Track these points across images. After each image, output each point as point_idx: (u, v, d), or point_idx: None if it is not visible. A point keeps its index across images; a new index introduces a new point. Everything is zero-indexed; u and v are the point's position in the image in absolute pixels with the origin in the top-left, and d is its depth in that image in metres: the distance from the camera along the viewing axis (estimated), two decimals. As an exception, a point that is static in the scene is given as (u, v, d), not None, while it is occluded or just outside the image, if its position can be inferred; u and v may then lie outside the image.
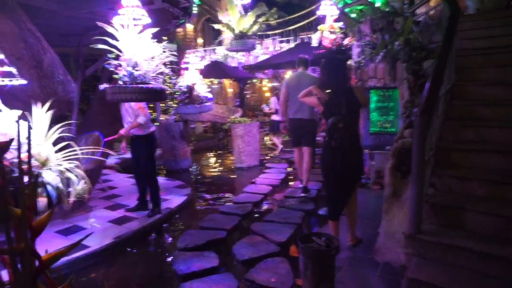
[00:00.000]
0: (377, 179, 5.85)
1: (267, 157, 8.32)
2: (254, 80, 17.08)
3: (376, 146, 6.93)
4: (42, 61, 3.15)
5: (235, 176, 7.07)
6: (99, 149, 3.94)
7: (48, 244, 1.55)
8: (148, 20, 3.47)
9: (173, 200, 5.13)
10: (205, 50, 16.16)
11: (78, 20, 4.03)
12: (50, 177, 2.57)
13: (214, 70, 12.59)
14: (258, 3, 6.35)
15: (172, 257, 3.49)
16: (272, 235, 3.80)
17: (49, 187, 2.49)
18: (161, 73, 3.67)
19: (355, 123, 3.21)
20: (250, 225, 4.15)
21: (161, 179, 6.41)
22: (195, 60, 5.96)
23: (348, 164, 3.13)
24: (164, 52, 3.70)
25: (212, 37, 16.98)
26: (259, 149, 7.76)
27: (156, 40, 3.64)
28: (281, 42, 13.33)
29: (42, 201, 2.41)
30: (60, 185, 2.63)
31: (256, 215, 4.64)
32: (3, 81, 2.88)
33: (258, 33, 14.86)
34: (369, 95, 7.18)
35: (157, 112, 7.60)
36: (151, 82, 3.47)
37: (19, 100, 3.52)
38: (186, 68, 5.86)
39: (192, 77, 5.77)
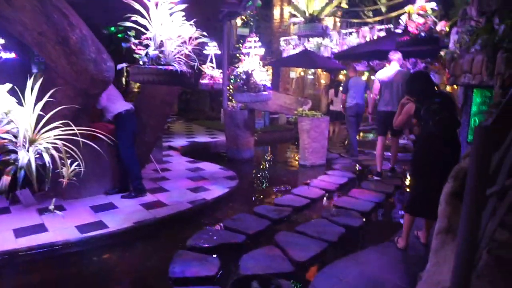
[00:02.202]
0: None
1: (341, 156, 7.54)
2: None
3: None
4: (68, 38, 3.11)
5: (294, 173, 6.51)
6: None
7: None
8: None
9: (214, 191, 4.88)
10: (299, 39, 15.60)
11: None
12: (24, 156, 2.50)
13: (304, 59, 12.00)
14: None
15: (175, 255, 3.20)
16: (293, 251, 3.23)
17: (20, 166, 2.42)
18: (193, 56, 3.35)
19: (452, 109, 3.12)
20: (275, 234, 3.62)
21: (215, 167, 6.26)
22: (257, 45, 5.54)
23: (446, 158, 2.93)
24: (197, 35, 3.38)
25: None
26: (327, 147, 7.02)
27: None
28: (380, 30, 11.96)
29: (5, 179, 2.33)
30: (33, 166, 2.54)
31: (290, 223, 4.08)
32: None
33: (355, 21, 13.73)
34: (470, 95, 5.88)
35: (224, 98, 7.43)
36: (173, 64, 3.18)
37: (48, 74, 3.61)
38: (247, 54, 5.49)
39: (252, 63, 5.38)
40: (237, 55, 6.89)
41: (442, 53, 4.84)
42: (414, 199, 3.19)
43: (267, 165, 7.07)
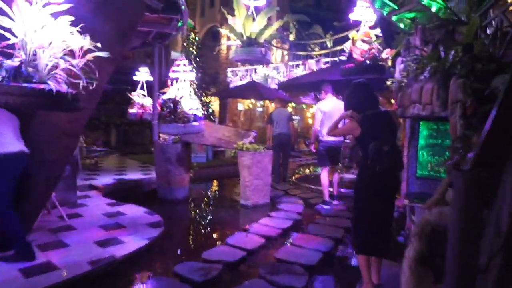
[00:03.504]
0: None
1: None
2: (295, 105, 15.78)
3: (423, 195, 5.22)
4: None
5: (233, 216, 5.70)
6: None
7: None
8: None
9: (128, 244, 3.90)
10: (246, 70, 15.32)
11: None
12: None
13: (250, 90, 11.58)
14: (270, 5, 5.13)
15: None
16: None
17: None
18: (80, 73, 2.53)
19: (398, 147, 3.03)
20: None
21: (139, 211, 5.26)
22: (187, 69, 4.84)
23: (389, 196, 2.98)
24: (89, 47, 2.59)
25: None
26: (271, 183, 6.34)
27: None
28: (326, 63, 11.95)
29: None
30: None
31: (217, 287, 3.22)
32: None
33: (301, 53, 13.76)
34: (417, 127, 5.57)
35: (154, 130, 6.59)
36: (48, 82, 2.33)
37: None
38: (175, 79, 4.77)
39: (180, 89, 4.65)
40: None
41: (388, 82, 4.43)
42: (362, 238, 3.04)
43: (203, 207, 6.18)
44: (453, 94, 2.89)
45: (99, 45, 2.58)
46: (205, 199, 6.71)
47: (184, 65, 4.76)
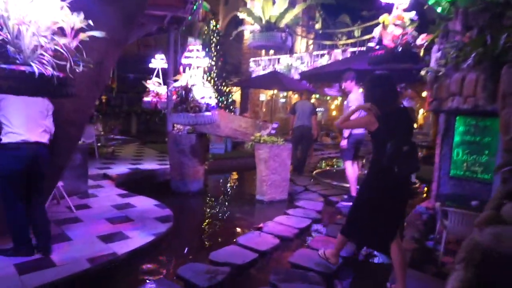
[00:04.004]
0: (449, 248, 3.80)
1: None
2: (319, 96, 15.25)
3: (456, 197, 4.75)
4: None
5: (248, 212, 5.38)
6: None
7: None
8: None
9: (133, 240, 3.67)
10: (269, 60, 14.88)
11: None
12: None
13: (272, 80, 11.18)
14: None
15: None
16: None
17: None
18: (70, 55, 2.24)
19: (416, 148, 2.76)
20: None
21: (150, 203, 5.04)
22: (200, 55, 4.50)
23: (400, 196, 2.82)
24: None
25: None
26: (289, 178, 5.97)
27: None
28: (352, 53, 11.35)
29: None
30: None
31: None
32: None
33: (327, 43, 13.14)
34: (452, 123, 5.06)
35: (168, 119, 6.32)
36: (31, 64, 2.06)
37: None
38: (188, 65, 4.44)
39: (193, 77, 4.33)
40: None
41: (422, 72, 3.95)
42: (353, 224, 3.04)
43: (216, 201, 5.90)
44: (505, 85, 2.42)
45: (91, 22, 2.28)
46: (220, 192, 6.44)
47: (198, 50, 4.44)
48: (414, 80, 6.55)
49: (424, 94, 11.77)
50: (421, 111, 19.30)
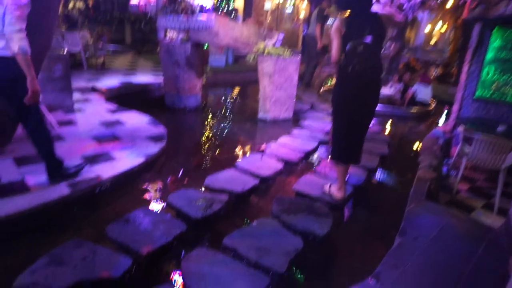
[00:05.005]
0: (464, 174, 3.48)
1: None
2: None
3: (479, 120, 4.30)
4: None
5: (249, 132, 4.94)
6: None
7: None
8: None
9: (121, 162, 3.29)
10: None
11: None
12: None
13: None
14: None
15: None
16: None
17: None
18: None
19: (378, 53, 2.76)
20: (184, 258, 2.15)
21: (142, 120, 4.60)
22: None
23: (367, 101, 2.80)
24: None
25: None
26: (295, 95, 5.41)
27: None
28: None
29: None
30: None
31: (219, 224, 2.61)
32: None
33: None
34: (487, 36, 4.36)
35: (158, 26, 5.50)
36: None
37: None
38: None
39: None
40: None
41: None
42: (336, 145, 2.94)
43: (215, 119, 5.43)
44: None
45: None
46: (219, 109, 5.95)
47: None
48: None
49: (449, 4, 10.53)
50: (438, 25, 17.78)
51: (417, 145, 4.87)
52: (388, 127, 5.70)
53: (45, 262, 1.98)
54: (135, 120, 4.61)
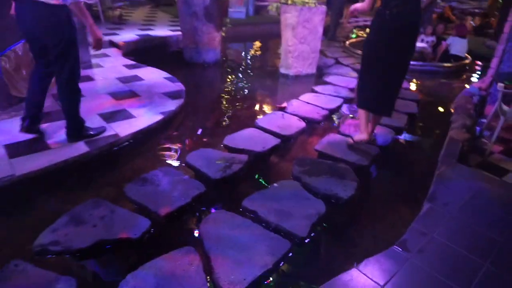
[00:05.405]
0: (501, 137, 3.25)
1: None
2: None
3: (521, 77, 3.90)
4: None
5: (270, 88, 4.74)
6: None
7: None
8: None
9: (138, 120, 3.22)
10: None
11: None
12: None
13: None
14: None
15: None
16: (225, 267, 1.76)
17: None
18: None
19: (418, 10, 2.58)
20: (202, 220, 2.10)
21: (159, 76, 4.48)
22: None
23: (404, 47, 2.62)
24: None
25: None
26: (319, 50, 5.10)
27: None
28: None
29: None
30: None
31: (238, 186, 2.54)
32: None
33: None
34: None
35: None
36: None
37: None
38: None
39: None
40: None
41: None
42: (364, 91, 2.87)
43: (235, 74, 5.22)
44: None
45: None
46: (239, 64, 5.71)
47: None
48: None
49: None
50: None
51: (449, 104, 4.56)
52: (418, 83, 5.36)
53: (65, 221, 1.98)
54: (152, 76, 4.49)
